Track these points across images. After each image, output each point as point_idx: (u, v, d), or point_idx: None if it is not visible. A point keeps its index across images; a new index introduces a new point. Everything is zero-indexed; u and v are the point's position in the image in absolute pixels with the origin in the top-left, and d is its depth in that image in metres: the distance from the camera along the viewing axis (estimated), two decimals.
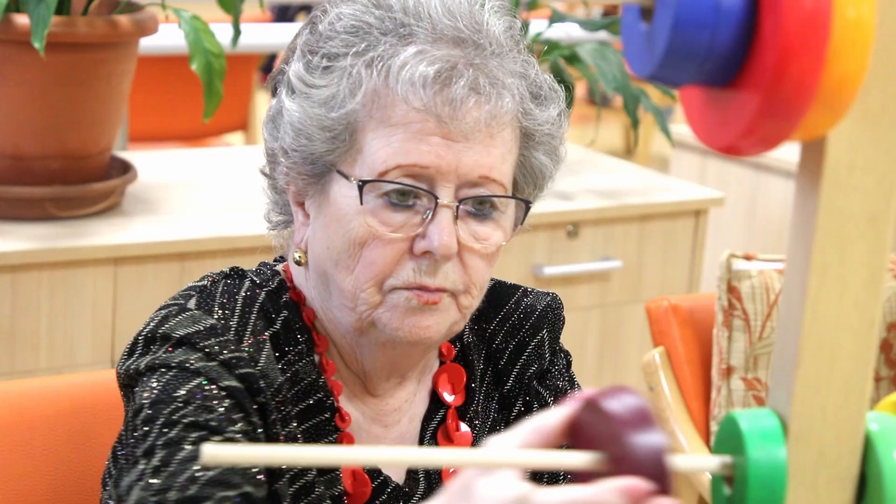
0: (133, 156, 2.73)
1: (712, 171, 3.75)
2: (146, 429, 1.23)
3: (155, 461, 1.20)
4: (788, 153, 2.34)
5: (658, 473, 0.88)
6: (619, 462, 0.89)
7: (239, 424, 1.24)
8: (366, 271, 1.27)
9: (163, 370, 1.26)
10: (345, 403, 1.36)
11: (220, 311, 1.30)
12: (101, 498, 1.37)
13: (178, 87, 4.14)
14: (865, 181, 0.86)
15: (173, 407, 1.23)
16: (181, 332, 1.27)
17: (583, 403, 0.94)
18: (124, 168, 2.46)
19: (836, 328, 0.88)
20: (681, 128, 3.71)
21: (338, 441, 1.33)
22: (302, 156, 1.30)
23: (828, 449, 0.89)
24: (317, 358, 1.34)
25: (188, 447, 1.20)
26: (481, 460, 0.95)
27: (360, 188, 1.26)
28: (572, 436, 0.95)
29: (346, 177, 1.28)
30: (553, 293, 1.48)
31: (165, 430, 1.22)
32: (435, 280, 1.27)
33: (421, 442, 1.39)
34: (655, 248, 2.88)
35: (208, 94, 2.23)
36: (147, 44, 2.46)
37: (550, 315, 1.46)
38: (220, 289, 1.32)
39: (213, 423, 1.22)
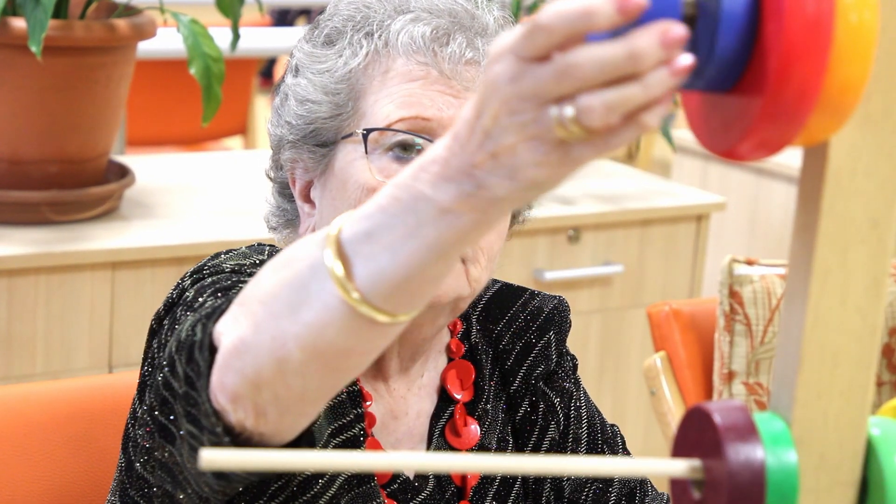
0: (131, 160, 2.72)
1: (714, 176, 3.75)
2: (200, 299, 1.18)
3: (206, 309, 1.11)
4: (790, 158, 2.34)
5: (754, 489, 0.86)
6: (715, 472, 0.88)
7: None
8: None
9: (213, 272, 1.24)
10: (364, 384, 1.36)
11: (268, 254, 1.30)
12: (119, 461, 1.31)
13: (176, 91, 4.14)
14: (867, 186, 0.86)
15: (229, 283, 1.19)
16: (231, 264, 1.26)
17: (689, 411, 0.92)
18: (122, 172, 2.45)
19: (837, 333, 0.88)
20: (682, 132, 3.71)
21: (363, 419, 1.33)
22: (307, 122, 1.31)
23: (829, 454, 0.89)
24: None
25: None
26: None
27: (365, 137, 1.27)
28: (673, 442, 0.94)
29: (351, 134, 1.29)
30: (560, 296, 1.49)
31: (219, 293, 1.18)
32: None
33: (430, 439, 1.39)
34: (657, 253, 2.88)
35: (207, 99, 2.23)
36: (145, 48, 2.46)
37: (557, 317, 1.47)
38: (265, 245, 1.33)
39: None
